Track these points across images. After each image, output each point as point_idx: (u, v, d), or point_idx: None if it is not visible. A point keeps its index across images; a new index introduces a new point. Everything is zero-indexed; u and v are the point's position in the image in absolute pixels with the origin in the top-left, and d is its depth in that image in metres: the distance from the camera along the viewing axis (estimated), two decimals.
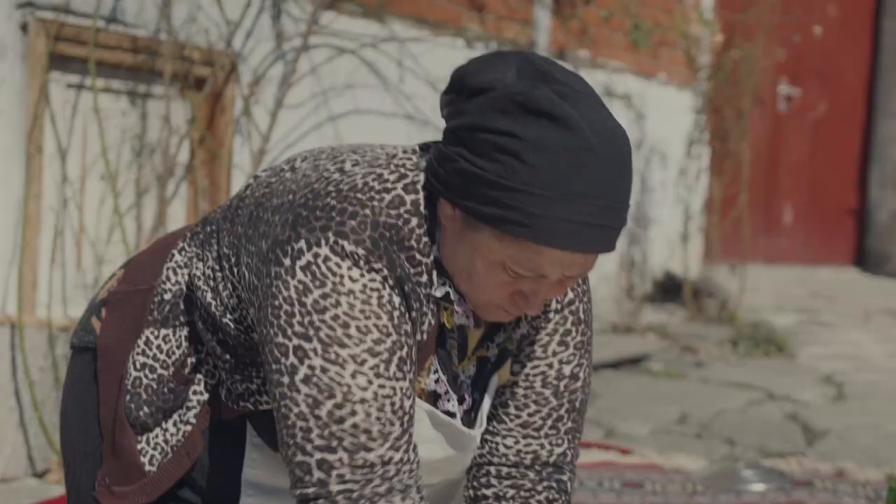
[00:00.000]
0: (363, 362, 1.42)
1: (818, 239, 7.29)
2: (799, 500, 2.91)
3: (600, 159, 1.37)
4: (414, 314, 1.48)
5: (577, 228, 1.38)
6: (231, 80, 3.56)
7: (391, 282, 1.44)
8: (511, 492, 1.64)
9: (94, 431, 1.72)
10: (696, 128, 5.78)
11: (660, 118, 5.78)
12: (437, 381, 1.57)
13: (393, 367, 1.43)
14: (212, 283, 1.60)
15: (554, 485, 1.64)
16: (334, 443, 1.42)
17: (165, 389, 1.65)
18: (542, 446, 1.64)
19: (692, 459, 3.25)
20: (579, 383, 1.65)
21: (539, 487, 1.63)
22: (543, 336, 1.64)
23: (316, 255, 1.42)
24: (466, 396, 1.61)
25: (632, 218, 5.74)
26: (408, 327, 1.46)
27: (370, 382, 1.42)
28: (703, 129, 5.78)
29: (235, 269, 1.55)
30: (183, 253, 1.68)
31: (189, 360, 1.66)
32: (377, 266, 1.44)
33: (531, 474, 1.64)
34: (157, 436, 1.66)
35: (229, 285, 1.57)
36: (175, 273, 1.67)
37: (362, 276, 1.42)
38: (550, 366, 1.63)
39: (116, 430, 1.67)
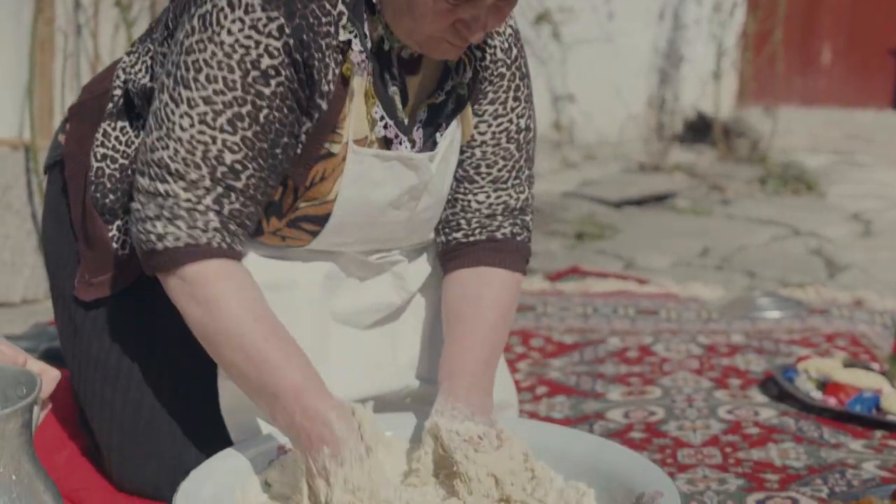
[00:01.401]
0: (194, 106, 1.53)
1: (857, 80, 7.11)
2: (814, 327, 2.90)
3: None
4: (316, 64, 1.54)
5: None
6: None
7: (288, 30, 1.52)
8: (479, 230, 1.79)
9: (69, 236, 1.77)
10: None
11: None
12: (385, 127, 1.66)
13: (222, 119, 1.53)
14: (158, 65, 1.69)
15: (518, 222, 1.81)
16: (145, 168, 1.57)
17: (129, 173, 1.72)
18: (510, 196, 1.79)
19: (709, 289, 3.24)
20: (531, 133, 1.81)
21: (505, 224, 1.79)
22: (500, 94, 1.75)
23: (214, 6, 1.53)
24: (417, 139, 1.71)
25: (663, 56, 5.62)
26: (267, 90, 1.53)
27: (192, 125, 1.53)
28: None
29: (171, 41, 1.65)
30: (132, 54, 1.77)
31: None
32: (273, 15, 1.51)
33: (499, 218, 1.80)
34: (125, 221, 1.72)
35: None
36: (125, 71, 1.76)
37: (241, 30, 1.51)
38: (511, 121, 1.77)
39: (87, 223, 1.74)
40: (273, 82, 1.53)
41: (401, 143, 1.67)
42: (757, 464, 2.07)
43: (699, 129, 5.77)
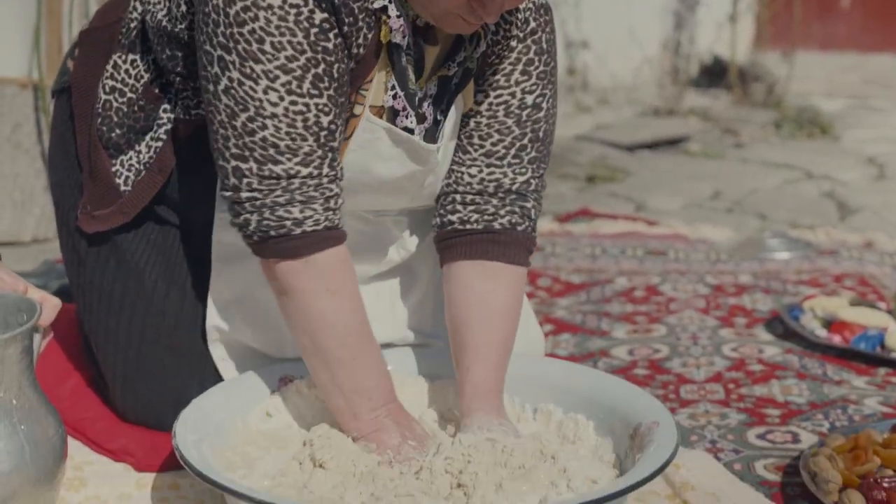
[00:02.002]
0: (275, 79, 1.47)
1: (876, 25, 7.03)
2: (822, 268, 2.89)
3: None
4: (346, 29, 1.50)
5: None
6: None
7: None
8: (475, 216, 1.70)
9: (75, 166, 1.77)
10: None
11: None
12: (394, 97, 1.60)
13: (307, 84, 1.48)
14: (169, 2, 1.63)
15: (517, 210, 1.70)
16: (246, 153, 1.49)
17: (136, 108, 1.70)
18: (505, 174, 1.69)
19: (719, 230, 3.23)
20: (542, 113, 1.69)
21: (502, 212, 1.70)
22: (506, 65, 1.67)
23: None
24: (427, 115, 1.65)
25: None
26: (330, 45, 1.48)
27: (281, 99, 1.47)
28: None
29: None
30: None
31: (158, 81, 1.68)
32: None
33: (494, 200, 1.70)
34: (130, 157, 1.72)
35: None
36: (142, 2, 1.69)
37: None
38: (513, 95, 1.67)
39: (92, 155, 1.73)
40: (331, 35, 1.48)
41: (406, 117, 1.62)
42: (759, 399, 2.08)
43: (715, 74, 5.73)
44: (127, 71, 1.70)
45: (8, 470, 1.37)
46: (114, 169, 1.73)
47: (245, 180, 1.50)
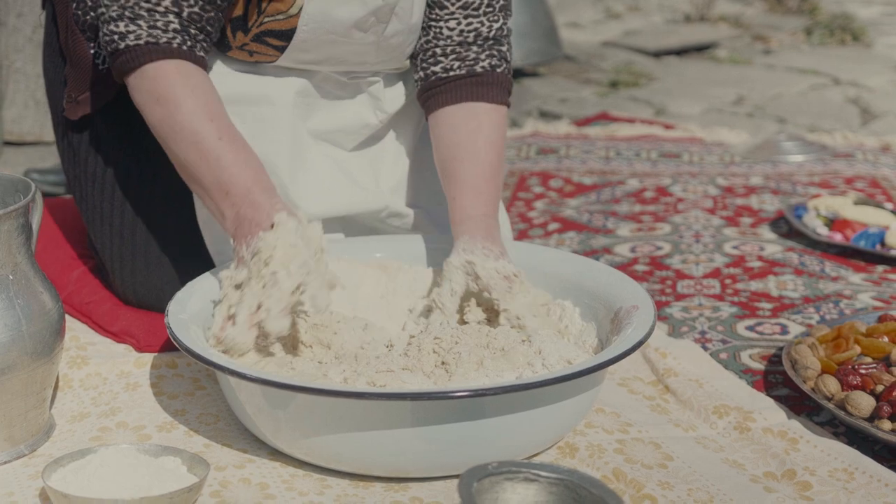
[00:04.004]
0: None
1: None
2: (835, 170, 2.89)
3: None
4: None
5: None
6: None
7: None
8: (457, 63, 1.79)
9: (60, 60, 1.83)
10: None
11: None
12: None
13: None
14: None
15: (495, 53, 1.81)
16: None
17: None
18: (482, 23, 1.79)
19: (735, 133, 3.23)
20: None
21: (482, 56, 1.80)
22: None
23: None
24: None
25: None
26: None
27: None
28: None
29: None
30: None
31: None
32: None
33: (474, 48, 1.80)
34: None
35: None
36: None
37: None
38: None
39: (70, 40, 1.79)
40: None
41: None
42: (753, 294, 2.10)
43: None
44: None
45: (5, 342, 1.43)
46: (92, 51, 1.79)
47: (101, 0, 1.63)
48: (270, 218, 1.50)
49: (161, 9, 1.60)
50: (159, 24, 1.59)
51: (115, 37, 1.61)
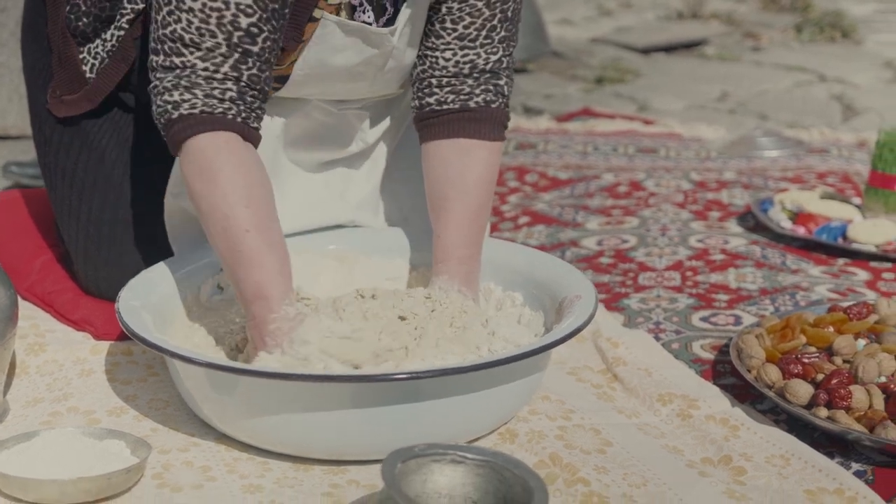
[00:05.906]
0: None
1: None
2: (809, 165, 2.91)
3: None
4: None
5: None
6: None
7: None
8: (451, 97, 1.77)
9: (45, 49, 1.86)
10: None
11: None
12: None
13: None
14: None
15: (491, 87, 1.78)
16: (159, 46, 1.56)
17: None
18: (479, 55, 1.76)
19: (713, 129, 3.25)
20: None
21: (477, 91, 1.77)
22: None
23: None
24: (388, 6, 1.70)
25: None
26: None
27: None
28: None
29: None
30: None
31: None
32: None
33: (469, 81, 1.77)
34: (96, 46, 1.80)
35: None
36: None
37: None
38: None
39: (61, 42, 1.83)
40: None
41: (364, 11, 1.67)
42: (712, 286, 2.13)
43: None
44: None
45: None
46: (81, 56, 1.82)
47: (152, 72, 1.57)
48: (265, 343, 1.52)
49: (219, 75, 1.54)
50: (216, 91, 1.54)
51: (170, 106, 1.54)
